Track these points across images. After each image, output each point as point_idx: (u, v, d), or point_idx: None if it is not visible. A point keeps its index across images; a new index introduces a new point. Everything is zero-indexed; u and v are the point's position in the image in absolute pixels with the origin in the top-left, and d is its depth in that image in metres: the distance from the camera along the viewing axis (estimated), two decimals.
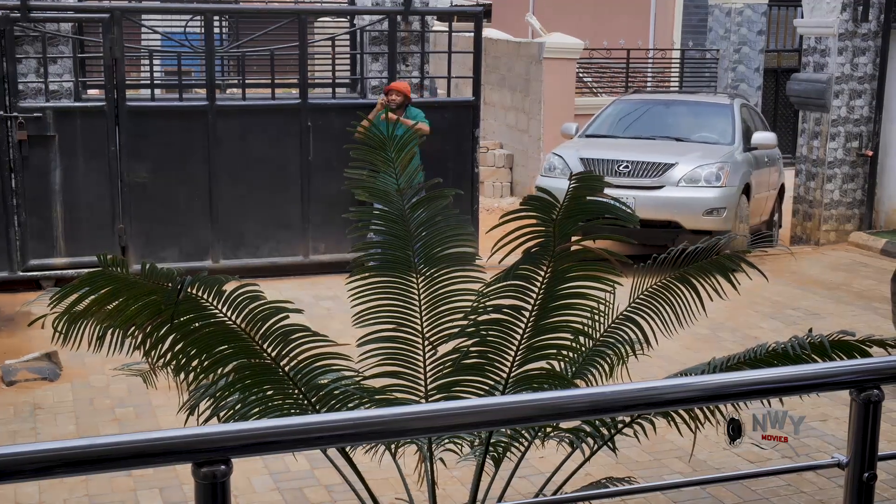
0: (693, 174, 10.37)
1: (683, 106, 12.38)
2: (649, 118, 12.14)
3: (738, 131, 11.38)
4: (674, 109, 12.33)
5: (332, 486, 5.39)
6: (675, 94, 14.02)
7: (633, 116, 12.22)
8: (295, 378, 3.57)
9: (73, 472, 1.90)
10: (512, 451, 3.85)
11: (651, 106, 12.53)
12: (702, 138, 11.42)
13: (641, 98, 13.05)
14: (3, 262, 9.13)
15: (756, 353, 3.70)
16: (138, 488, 5.46)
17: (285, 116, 9.74)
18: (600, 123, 12.13)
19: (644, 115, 12.25)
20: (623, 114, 12.28)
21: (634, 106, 12.49)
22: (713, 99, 12.72)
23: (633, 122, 12.03)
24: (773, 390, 2.63)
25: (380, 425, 2.09)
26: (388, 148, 4.03)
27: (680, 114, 12.20)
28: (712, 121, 11.73)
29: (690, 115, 12.09)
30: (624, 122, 12.10)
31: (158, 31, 10.63)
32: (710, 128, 11.61)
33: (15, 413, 6.55)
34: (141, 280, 3.29)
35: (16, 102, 9.03)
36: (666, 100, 12.95)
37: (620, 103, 12.63)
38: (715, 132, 11.51)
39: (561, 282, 3.71)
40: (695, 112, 12.13)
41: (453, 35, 10.82)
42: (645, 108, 12.40)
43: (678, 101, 12.68)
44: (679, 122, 11.93)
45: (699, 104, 12.37)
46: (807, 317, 8.62)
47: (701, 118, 11.92)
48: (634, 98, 12.96)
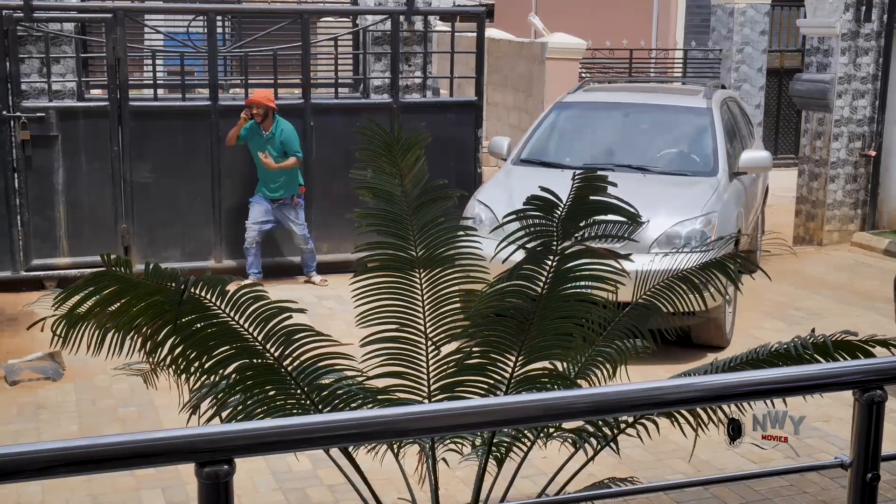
0: (670, 235, 7.43)
1: (647, 112, 9.45)
2: (603, 133, 9.42)
3: (721, 152, 8.76)
4: (635, 119, 9.43)
5: (335, 485, 5.39)
6: (637, 90, 10.63)
7: (582, 130, 9.50)
8: (298, 378, 3.57)
9: (76, 471, 1.90)
10: (514, 451, 3.85)
11: (605, 113, 9.55)
12: (674, 166, 8.76)
13: (592, 100, 9.80)
14: (7, 262, 9.14)
15: (759, 353, 3.71)
16: (141, 488, 5.46)
17: (288, 117, 9.73)
18: (539, 140, 9.30)
19: (596, 127, 9.50)
20: (568, 125, 9.52)
21: (583, 113, 9.59)
22: (686, 99, 9.62)
23: (581, 140, 9.37)
24: (776, 391, 2.63)
25: (382, 425, 2.09)
26: (393, 150, 4.03)
27: (643, 125, 9.44)
28: (686, 135, 9.19)
29: (657, 128, 9.39)
30: (570, 138, 9.42)
31: (161, 31, 10.64)
32: (683, 144, 9.12)
33: (18, 413, 6.55)
34: (145, 280, 3.30)
35: (19, 102, 9.04)
36: (624, 102, 9.66)
37: (565, 109, 9.60)
38: (691, 154, 8.96)
39: (564, 281, 3.71)
40: (663, 122, 9.34)
41: (456, 35, 10.82)
42: (596, 117, 9.53)
43: (640, 106, 9.55)
44: (642, 138, 9.26)
45: (668, 110, 9.39)
46: (809, 317, 8.61)
47: (671, 131, 9.29)
48: (583, 100, 9.74)
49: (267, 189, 9.29)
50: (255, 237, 9.31)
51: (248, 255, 9.37)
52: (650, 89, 10.82)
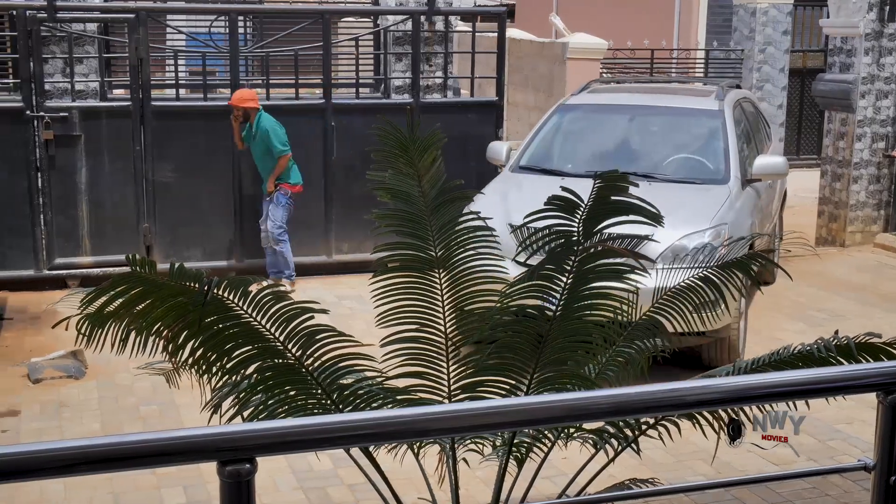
0: (677, 248, 6.65)
1: (654, 115, 8.98)
2: (607, 137, 8.92)
3: (733, 158, 8.24)
4: (641, 122, 8.97)
5: (355, 485, 5.40)
6: (644, 91, 9.98)
7: (586, 134, 9.05)
8: (319, 378, 3.58)
9: (99, 469, 1.91)
10: (535, 451, 3.84)
11: (609, 116, 9.07)
12: (683, 173, 8.25)
13: (596, 102, 9.32)
14: (30, 261, 9.20)
15: (781, 354, 3.69)
16: (162, 486, 5.49)
17: (309, 117, 9.76)
18: (540, 146, 8.86)
19: (600, 131, 9.01)
20: (571, 129, 9.07)
21: (587, 116, 9.13)
22: (696, 101, 9.10)
23: (584, 145, 8.93)
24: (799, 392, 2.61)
25: (403, 425, 2.09)
26: (409, 150, 4.03)
27: (650, 129, 8.96)
28: (696, 140, 8.67)
29: (665, 132, 8.89)
30: (572, 142, 8.98)
31: (183, 31, 10.68)
32: (693, 149, 8.59)
33: (41, 410, 6.60)
34: (169, 282, 3.31)
35: (42, 102, 9.10)
36: (630, 104, 9.18)
37: (567, 112, 9.18)
38: (700, 160, 8.42)
39: (584, 281, 3.70)
40: (671, 125, 8.88)
41: (477, 35, 10.81)
42: (601, 120, 9.06)
43: (646, 108, 9.07)
44: (649, 143, 8.78)
45: (676, 112, 8.91)
46: (832, 319, 8.56)
47: (680, 135, 8.80)
48: (587, 102, 9.28)
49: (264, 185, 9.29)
50: (264, 237, 9.32)
51: (267, 254, 9.39)
52: (659, 90, 10.23)
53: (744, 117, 9.16)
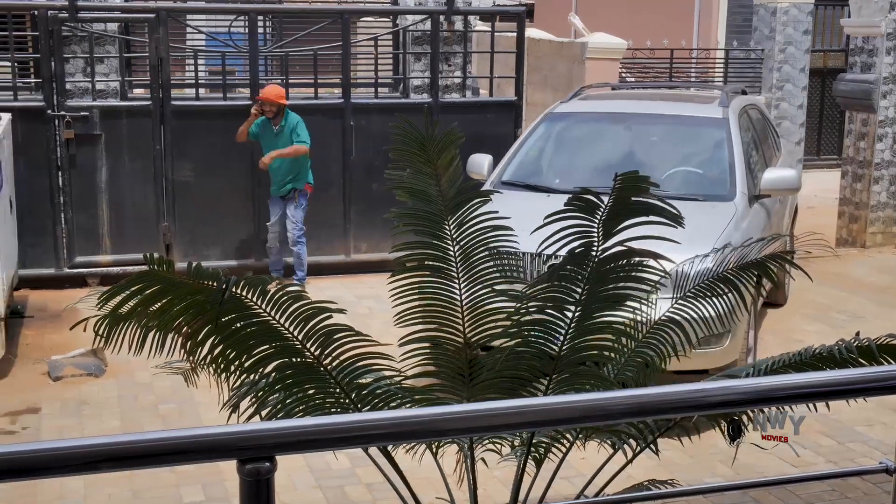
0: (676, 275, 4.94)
1: (652, 124, 8.20)
2: (599, 149, 8.13)
3: (739, 172, 7.49)
4: (637, 132, 8.15)
5: (373, 484, 5.40)
6: (642, 97, 9.37)
7: (575, 145, 8.26)
8: (337, 377, 3.58)
9: (120, 467, 1.92)
10: (553, 451, 3.83)
11: (602, 125, 8.32)
12: (683, 189, 7.30)
13: (588, 110, 8.57)
14: (50, 260, 9.25)
15: (801, 355, 3.67)
16: (181, 484, 5.51)
17: (328, 116, 9.78)
18: (525, 159, 8.08)
19: (591, 142, 8.23)
20: (559, 140, 8.32)
21: (577, 126, 8.38)
22: (698, 108, 8.41)
23: (573, 157, 8.13)
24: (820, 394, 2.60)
25: (422, 425, 2.09)
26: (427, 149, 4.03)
27: (647, 140, 8.13)
28: (697, 152, 7.93)
29: (663, 143, 8.07)
30: (560, 155, 8.23)
31: (203, 31, 10.72)
32: (694, 162, 7.86)
33: (61, 408, 6.63)
34: (187, 280, 3.32)
35: (63, 101, 9.15)
36: (625, 112, 8.42)
37: (556, 121, 8.39)
38: (703, 175, 7.68)
39: (604, 282, 3.69)
40: (670, 136, 8.08)
41: (496, 35, 10.80)
42: (593, 130, 8.31)
43: (643, 116, 8.31)
44: (645, 156, 7.87)
45: (676, 121, 8.15)
46: (853, 320, 8.51)
47: (680, 146, 8.02)
48: (578, 110, 8.50)
49: (275, 185, 9.24)
50: (274, 237, 9.31)
51: (271, 254, 9.38)
52: (657, 96, 9.62)
53: (751, 126, 8.46)
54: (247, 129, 9.13)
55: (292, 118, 9.15)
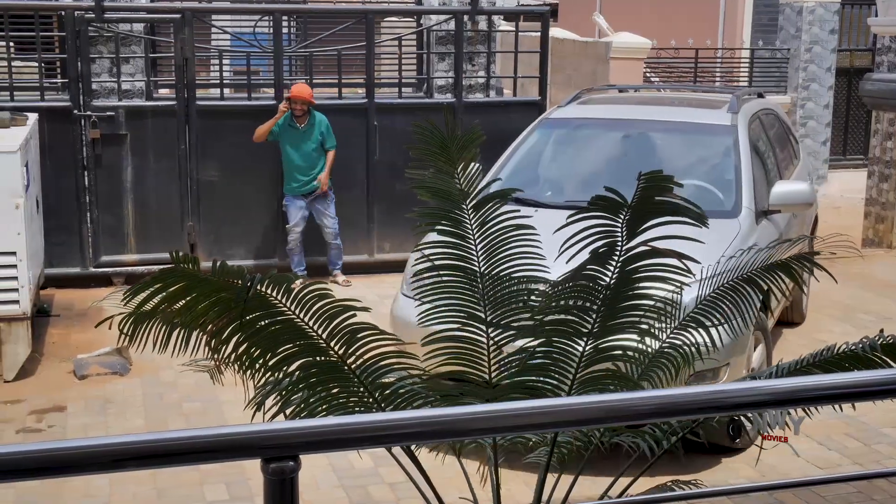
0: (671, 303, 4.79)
1: (653, 132, 7.56)
2: (595, 159, 7.55)
3: (746, 185, 6.86)
4: (637, 140, 7.54)
5: (396, 483, 5.41)
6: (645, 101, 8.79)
7: (569, 155, 7.64)
8: (360, 376, 3.59)
9: (146, 465, 1.93)
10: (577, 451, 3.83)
11: (600, 133, 7.71)
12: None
13: (586, 115, 7.91)
14: (76, 259, 9.31)
15: (825, 355, 3.65)
16: (205, 482, 5.53)
17: (352, 116, 9.79)
18: (515, 170, 7.40)
19: (587, 151, 7.63)
20: (553, 149, 7.70)
21: (573, 133, 7.74)
22: (705, 114, 7.76)
23: (567, 168, 7.53)
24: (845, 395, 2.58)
25: (446, 424, 2.09)
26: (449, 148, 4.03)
27: (647, 149, 7.46)
28: (701, 163, 7.30)
29: (665, 152, 7.39)
30: (553, 166, 7.60)
31: (228, 31, 10.76)
32: (697, 174, 7.13)
33: (86, 406, 6.68)
34: (211, 278, 3.34)
35: (89, 101, 9.21)
36: (625, 119, 7.80)
37: (550, 128, 7.79)
38: (706, 188, 6.94)
39: (628, 282, 3.68)
40: (672, 144, 7.46)
41: (520, 35, 10.79)
42: (590, 138, 7.70)
43: (644, 123, 7.65)
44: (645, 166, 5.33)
45: (679, 128, 7.52)
46: (879, 321, 8.44)
47: (683, 156, 7.37)
48: (575, 116, 7.84)
49: (297, 183, 9.30)
50: (297, 238, 9.38)
51: (293, 255, 9.45)
52: (664, 100, 9.00)
53: (763, 133, 7.84)
54: (269, 128, 9.18)
55: (319, 118, 9.25)
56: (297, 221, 9.34)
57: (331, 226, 9.43)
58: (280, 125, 9.19)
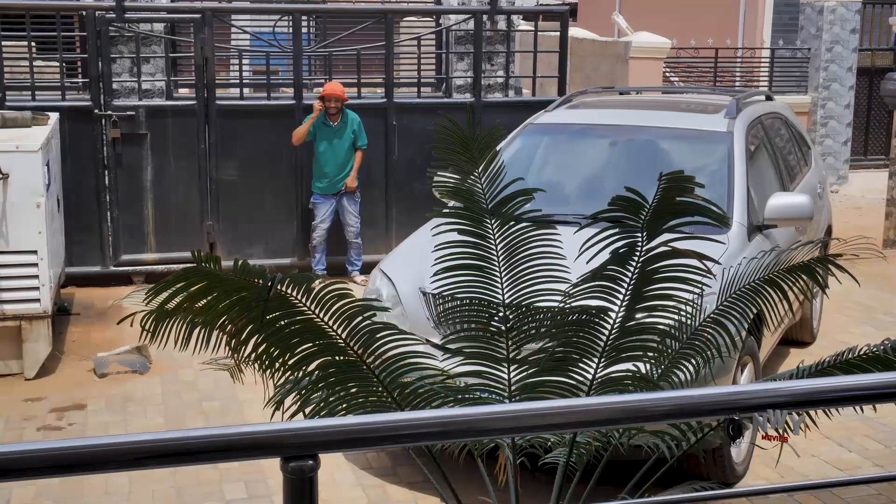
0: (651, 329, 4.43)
1: (642, 139, 7.01)
2: (580, 168, 7.03)
3: (739, 197, 6.27)
4: (625, 148, 7.05)
5: (414, 483, 5.42)
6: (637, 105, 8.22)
7: (553, 164, 7.13)
8: (380, 376, 3.59)
9: (166, 464, 1.94)
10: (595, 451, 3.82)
11: (585, 140, 7.18)
12: None
13: (571, 121, 7.34)
14: (96, 258, 9.36)
15: (846, 356, 3.63)
16: (224, 481, 5.55)
17: (371, 116, 9.80)
18: None
19: (571, 160, 7.09)
20: (535, 157, 7.13)
21: (557, 140, 7.24)
22: (699, 120, 7.18)
23: (549, 179, 6.84)
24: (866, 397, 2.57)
25: (465, 424, 2.09)
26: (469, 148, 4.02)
27: (635, 158, 6.94)
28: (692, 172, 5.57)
29: (653, 161, 6.53)
30: (534, 175, 6.74)
31: (247, 31, 10.79)
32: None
33: (106, 404, 6.71)
34: (232, 277, 3.35)
35: (110, 101, 9.25)
36: (613, 124, 7.23)
37: (533, 135, 7.27)
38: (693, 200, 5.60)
39: (648, 283, 3.67)
40: (662, 153, 6.83)
41: (539, 34, 10.78)
42: (573, 145, 7.17)
43: (633, 129, 7.10)
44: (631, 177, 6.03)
45: (671, 135, 6.93)
46: None
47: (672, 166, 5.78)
48: (560, 121, 7.34)
49: (328, 181, 9.39)
50: (323, 235, 9.45)
51: (316, 252, 9.51)
52: (661, 104, 8.48)
53: (765, 140, 7.29)
54: (307, 130, 9.25)
55: (351, 116, 9.39)
56: (325, 217, 9.41)
57: (353, 224, 9.51)
58: (315, 125, 9.27)
